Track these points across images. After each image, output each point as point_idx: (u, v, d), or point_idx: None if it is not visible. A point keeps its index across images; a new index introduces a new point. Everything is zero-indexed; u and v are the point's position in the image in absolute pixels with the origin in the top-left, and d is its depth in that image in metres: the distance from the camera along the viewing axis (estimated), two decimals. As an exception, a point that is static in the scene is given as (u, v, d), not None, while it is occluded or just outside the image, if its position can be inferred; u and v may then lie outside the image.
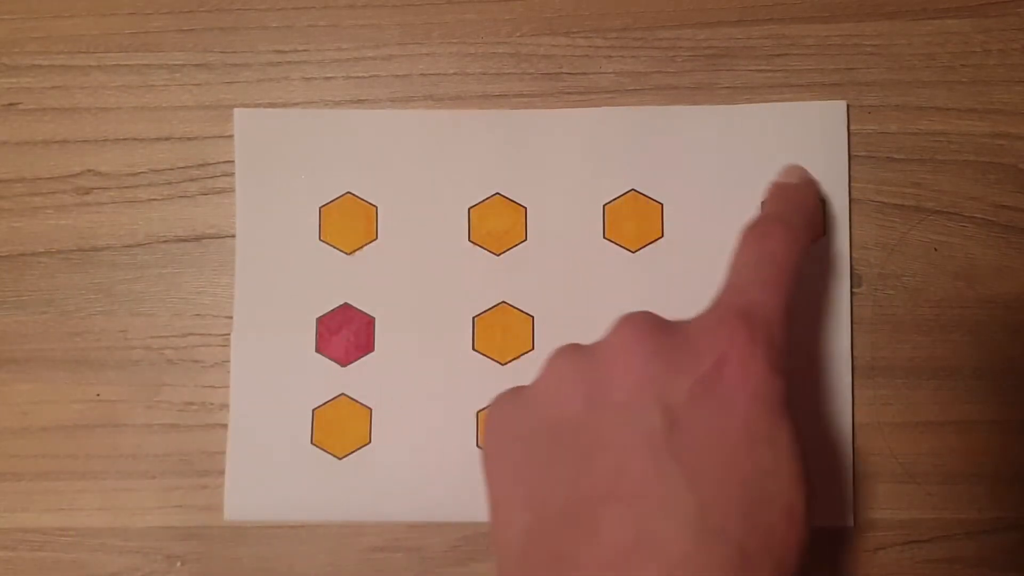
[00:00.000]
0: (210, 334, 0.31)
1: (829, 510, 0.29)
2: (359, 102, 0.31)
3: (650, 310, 0.28)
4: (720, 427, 0.21)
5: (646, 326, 0.23)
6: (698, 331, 0.23)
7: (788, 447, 0.21)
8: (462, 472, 0.29)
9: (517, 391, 0.24)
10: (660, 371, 0.22)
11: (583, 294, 0.30)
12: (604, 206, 0.30)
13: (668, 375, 0.22)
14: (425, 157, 0.31)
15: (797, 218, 0.26)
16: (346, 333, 0.30)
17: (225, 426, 0.30)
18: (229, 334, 0.30)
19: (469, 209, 0.30)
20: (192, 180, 0.31)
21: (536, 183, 0.30)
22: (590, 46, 0.31)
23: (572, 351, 0.24)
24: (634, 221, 0.30)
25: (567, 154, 0.30)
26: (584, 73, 0.31)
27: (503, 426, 0.23)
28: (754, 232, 0.25)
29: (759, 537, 0.20)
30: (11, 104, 0.31)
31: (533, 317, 0.30)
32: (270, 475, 0.30)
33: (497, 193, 0.30)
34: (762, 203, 0.29)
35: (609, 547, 0.20)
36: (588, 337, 0.29)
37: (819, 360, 0.29)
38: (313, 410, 0.30)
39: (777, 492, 0.21)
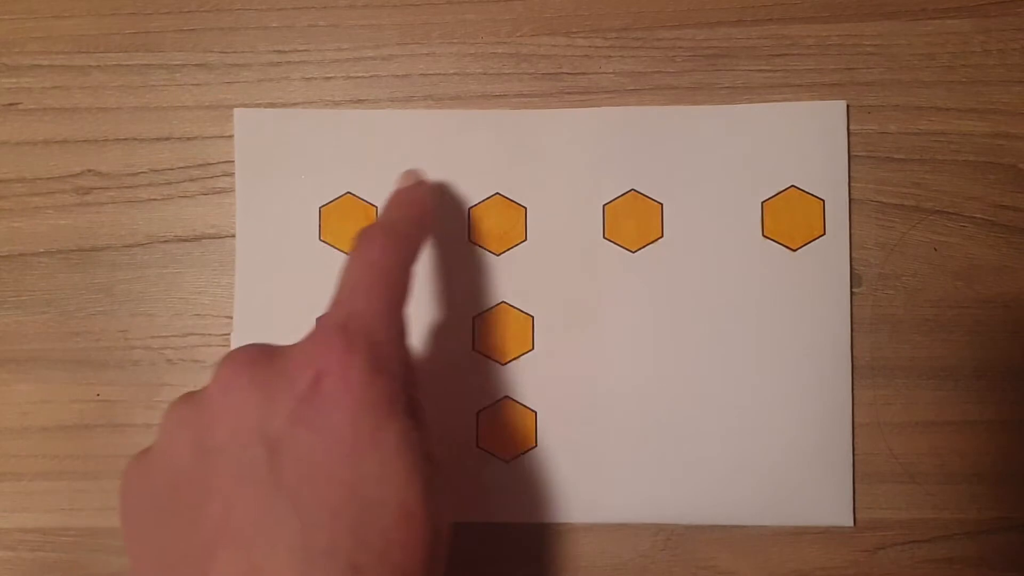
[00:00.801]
0: (210, 334, 0.31)
1: (829, 510, 0.29)
2: (359, 102, 0.31)
3: (650, 310, 0.28)
4: (322, 444, 0.21)
5: (245, 360, 0.22)
6: (298, 353, 0.22)
7: (396, 446, 0.21)
8: (462, 472, 0.29)
9: (142, 454, 0.24)
10: (259, 402, 0.21)
11: (583, 294, 0.30)
12: (604, 206, 0.30)
13: (266, 405, 0.21)
14: (425, 157, 0.31)
15: (404, 223, 0.26)
16: (346, 333, 0.30)
17: (225, 426, 0.30)
18: (229, 334, 0.30)
19: (469, 209, 0.30)
20: (192, 180, 0.31)
21: (536, 183, 0.30)
22: (590, 46, 0.31)
23: (183, 401, 0.23)
24: (634, 221, 0.30)
25: (567, 154, 0.30)
26: (584, 73, 0.31)
27: (130, 490, 0.23)
28: (358, 241, 0.25)
29: (373, 547, 0.20)
30: (11, 104, 0.31)
31: (533, 317, 0.30)
32: (270, 475, 0.30)
33: (497, 193, 0.30)
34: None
35: None
36: (588, 337, 0.29)
37: (819, 360, 0.29)
38: (313, 410, 0.30)
39: (387, 495, 0.21)
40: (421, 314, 0.30)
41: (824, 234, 0.30)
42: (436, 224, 0.29)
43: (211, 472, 0.21)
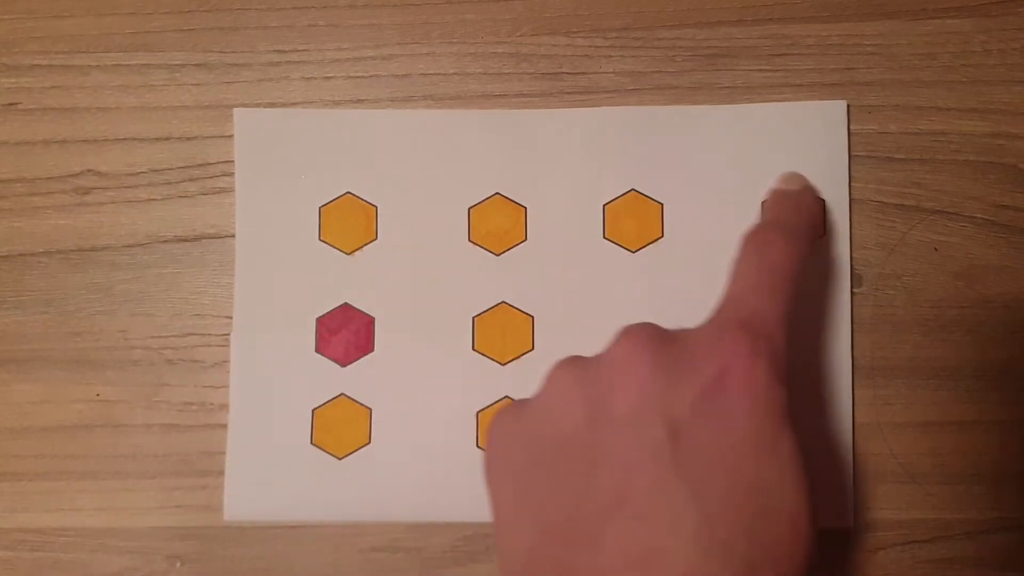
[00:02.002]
0: (210, 334, 0.31)
1: (829, 510, 0.29)
2: (359, 102, 0.31)
3: (650, 310, 0.28)
4: (723, 439, 0.21)
5: (648, 338, 0.23)
6: (700, 342, 0.22)
7: (791, 457, 0.21)
8: (462, 472, 0.29)
9: (519, 404, 0.24)
10: (662, 384, 0.22)
11: (583, 294, 0.30)
12: (604, 206, 0.30)
13: (670, 388, 0.22)
14: (425, 157, 0.31)
15: (797, 225, 0.26)
16: (346, 333, 0.30)
17: (225, 426, 0.30)
18: (229, 334, 0.30)
19: (469, 209, 0.30)
20: (192, 180, 0.31)
21: (536, 183, 0.30)
22: (590, 46, 0.31)
23: (573, 363, 0.23)
24: (634, 221, 0.30)
25: (567, 154, 0.30)
26: (584, 73, 0.31)
27: (506, 439, 0.23)
28: (755, 240, 0.25)
29: (764, 549, 0.20)
30: (11, 104, 0.31)
31: (533, 317, 0.30)
32: (270, 475, 0.30)
33: (497, 193, 0.30)
34: (762, 205, 0.29)
35: (614, 561, 0.20)
36: (588, 337, 0.29)
37: (819, 360, 0.29)
38: (313, 410, 0.30)
39: (781, 503, 0.21)
40: (421, 314, 0.30)
41: (824, 234, 0.30)
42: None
43: (608, 441, 0.21)
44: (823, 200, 0.29)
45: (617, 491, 0.21)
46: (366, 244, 0.30)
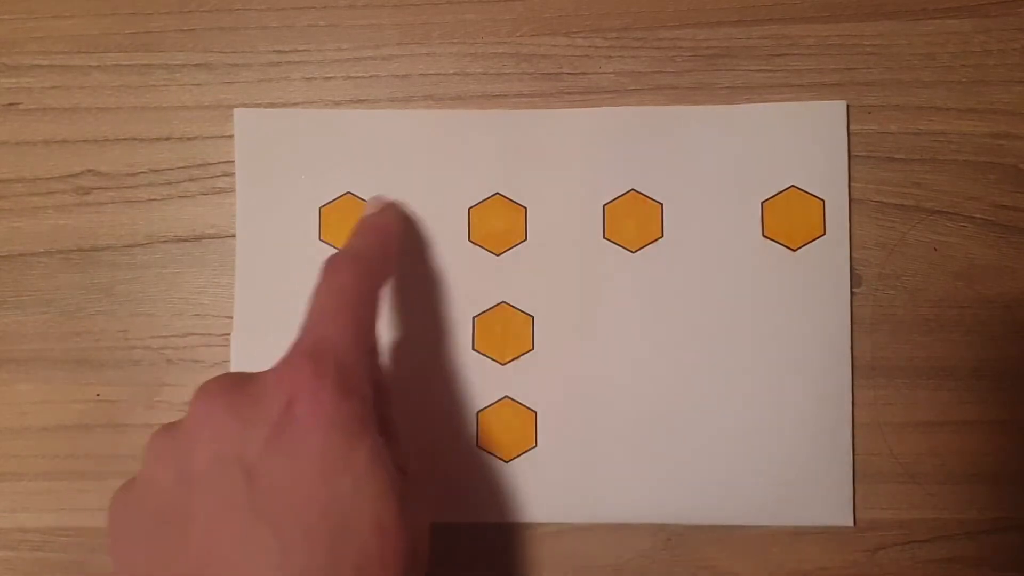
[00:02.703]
0: (210, 334, 0.31)
1: (829, 510, 0.29)
2: (359, 102, 0.31)
3: (650, 310, 0.28)
4: (296, 467, 0.21)
5: (220, 390, 0.23)
6: (269, 378, 0.23)
7: (367, 465, 0.22)
8: (462, 472, 0.29)
9: (127, 483, 0.24)
10: (235, 430, 0.22)
11: (583, 294, 0.30)
12: (604, 206, 0.30)
13: (243, 431, 0.22)
14: (425, 157, 0.31)
15: (369, 249, 0.27)
16: (346, 333, 0.30)
17: (225, 426, 0.30)
18: (229, 334, 0.30)
19: (469, 209, 0.30)
20: (192, 180, 0.31)
21: (536, 183, 0.30)
22: (590, 46, 0.31)
23: (164, 431, 0.24)
24: (634, 221, 0.30)
25: (567, 154, 0.30)
26: (584, 73, 0.31)
27: (119, 516, 0.24)
28: (326, 268, 0.26)
29: (350, 562, 0.21)
30: (11, 104, 0.31)
31: (533, 317, 0.30)
32: (270, 475, 0.30)
33: (497, 193, 0.30)
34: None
35: None
36: (588, 337, 0.29)
37: (819, 360, 0.29)
38: (313, 410, 0.30)
39: (362, 511, 0.21)
40: (421, 314, 0.30)
41: (824, 234, 0.30)
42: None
43: (193, 499, 0.22)
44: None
45: (206, 549, 0.21)
46: (366, 244, 0.30)
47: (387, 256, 0.28)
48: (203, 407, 0.23)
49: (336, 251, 0.27)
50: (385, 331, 0.30)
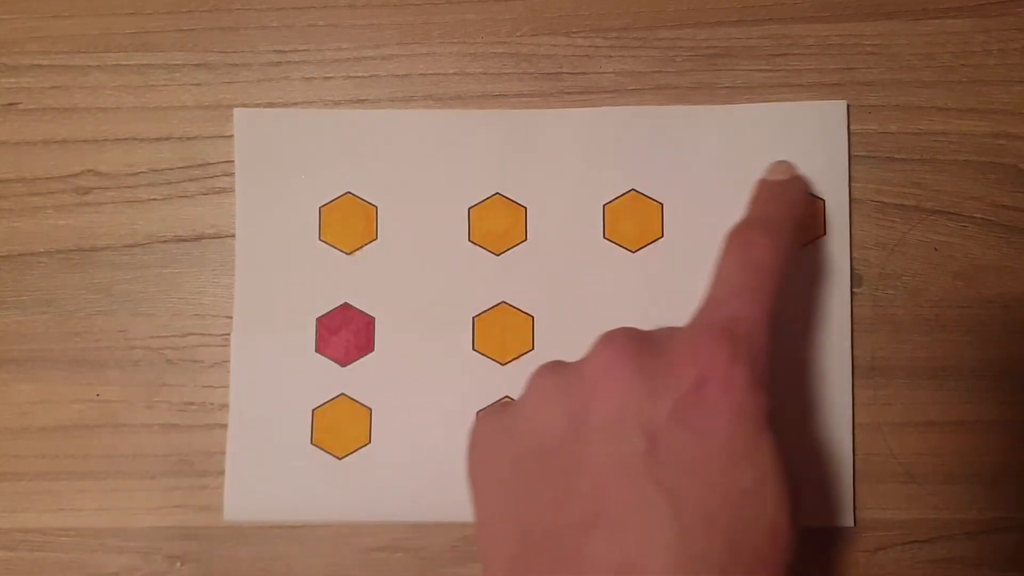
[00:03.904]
0: (210, 334, 0.31)
1: (829, 510, 0.29)
2: (359, 102, 0.31)
3: (650, 310, 0.28)
4: (701, 448, 0.21)
5: (627, 345, 0.22)
6: (679, 348, 0.22)
7: (770, 465, 0.21)
8: (462, 472, 0.29)
9: (501, 409, 0.24)
10: (641, 393, 0.21)
11: (583, 294, 0.30)
12: (604, 206, 0.30)
13: (649, 396, 0.21)
14: (425, 157, 0.31)
15: (783, 221, 0.26)
16: (346, 333, 0.30)
17: (225, 426, 0.30)
18: (229, 334, 0.30)
19: (469, 209, 0.30)
20: (192, 180, 0.31)
21: (536, 183, 0.30)
22: (590, 46, 0.31)
23: (555, 370, 0.23)
24: (634, 221, 0.30)
25: (567, 154, 0.30)
26: (584, 73, 0.31)
27: (488, 445, 0.23)
28: (737, 239, 0.25)
29: (743, 559, 0.20)
30: (11, 104, 0.31)
31: (533, 317, 0.30)
32: (270, 475, 0.30)
33: (497, 193, 0.30)
34: (750, 200, 0.28)
35: (592, 574, 0.20)
36: (588, 338, 0.29)
37: (819, 360, 0.29)
38: (313, 410, 0.30)
39: (760, 512, 0.21)
40: (421, 314, 0.30)
41: (824, 234, 0.30)
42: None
43: (587, 451, 0.21)
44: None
45: (595, 503, 0.21)
46: (366, 244, 0.30)
47: (799, 232, 0.26)
48: (609, 357, 0.22)
49: (745, 218, 0.25)
50: (385, 331, 0.30)
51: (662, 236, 0.30)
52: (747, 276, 0.24)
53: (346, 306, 0.30)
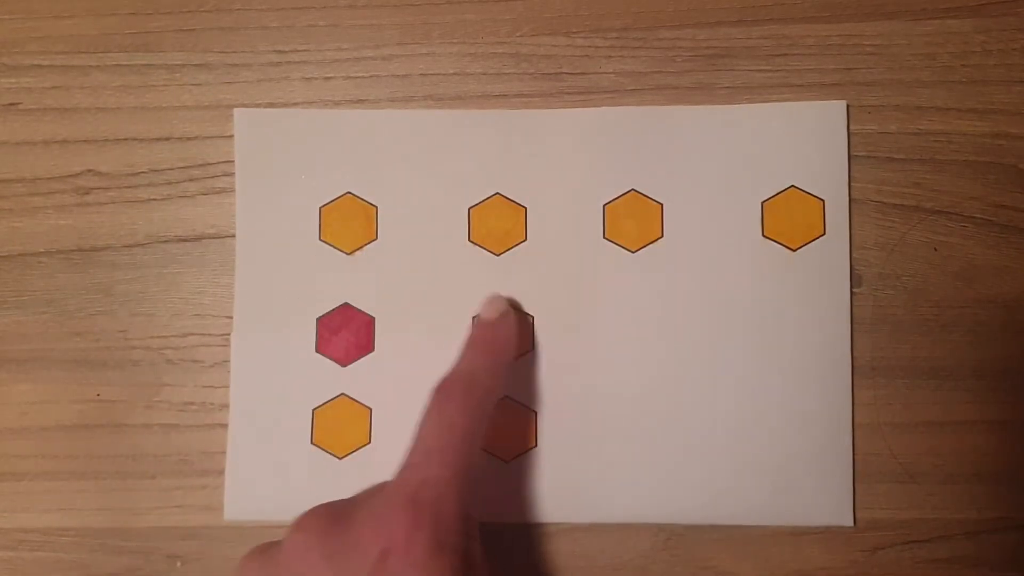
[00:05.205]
0: (210, 334, 0.31)
1: (829, 510, 0.29)
2: (359, 102, 0.31)
3: (650, 310, 0.28)
4: None
5: (316, 529, 0.23)
6: (365, 522, 0.23)
7: None
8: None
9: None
10: (331, 574, 0.22)
11: (583, 294, 0.30)
12: (604, 206, 0.30)
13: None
14: (425, 157, 0.31)
15: (489, 370, 0.27)
16: (346, 333, 0.30)
17: (225, 426, 0.30)
18: (229, 334, 0.30)
19: (469, 209, 0.30)
20: (192, 180, 0.31)
21: (536, 183, 0.30)
22: (590, 46, 0.31)
23: (258, 556, 0.24)
24: (634, 221, 0.30)
25: (567, 154, 0.30)
26: (584, 73, 0.31)
27: None
28: (439, 395, 0.26)
29: None
30: (11, 104, 0.31)
31: (533, 317, 0.30)
32: (270, 475, 0.30)
33: (497, 193, 0.30)
34: (465, 343, 0.28)
35: None
36: (587, 337, 0.29)
37: (819, 360, 0.29)
38: (313, 410, 0.30)
39: None
40: (421, 314, 0.30)
41: (824, 234, 0.30)
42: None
43: None
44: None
45: None
46: (366, 244, 0.30)
47: (499, 377, 0.27)
48: (299, 545, 0.23)
49: (451, 371, 0.27)
50: (385, 331, 0.30)
51: (662, 236, 0.30)
52: (441, 437, 0.25)
53: (346, 306, 0.30)
